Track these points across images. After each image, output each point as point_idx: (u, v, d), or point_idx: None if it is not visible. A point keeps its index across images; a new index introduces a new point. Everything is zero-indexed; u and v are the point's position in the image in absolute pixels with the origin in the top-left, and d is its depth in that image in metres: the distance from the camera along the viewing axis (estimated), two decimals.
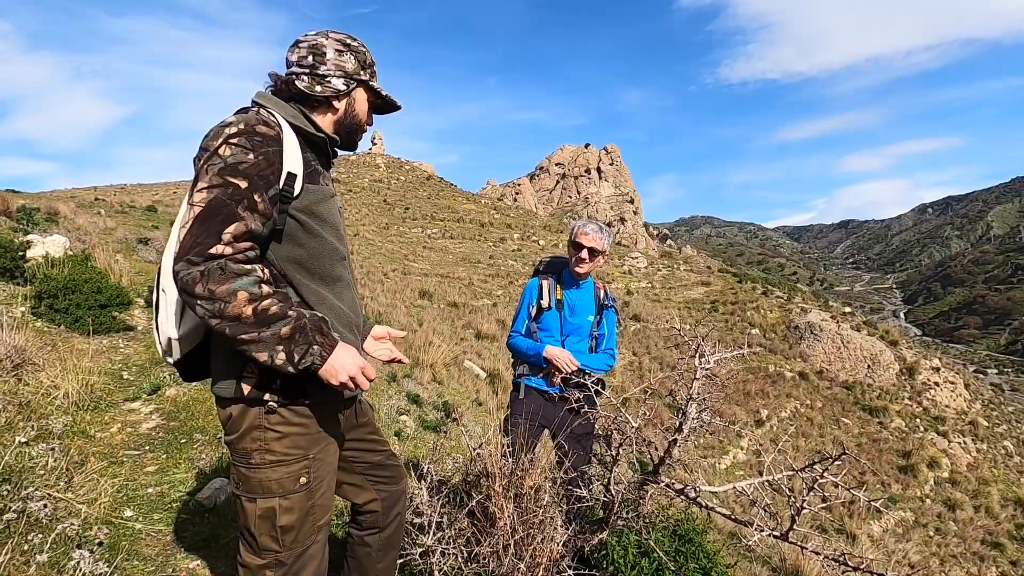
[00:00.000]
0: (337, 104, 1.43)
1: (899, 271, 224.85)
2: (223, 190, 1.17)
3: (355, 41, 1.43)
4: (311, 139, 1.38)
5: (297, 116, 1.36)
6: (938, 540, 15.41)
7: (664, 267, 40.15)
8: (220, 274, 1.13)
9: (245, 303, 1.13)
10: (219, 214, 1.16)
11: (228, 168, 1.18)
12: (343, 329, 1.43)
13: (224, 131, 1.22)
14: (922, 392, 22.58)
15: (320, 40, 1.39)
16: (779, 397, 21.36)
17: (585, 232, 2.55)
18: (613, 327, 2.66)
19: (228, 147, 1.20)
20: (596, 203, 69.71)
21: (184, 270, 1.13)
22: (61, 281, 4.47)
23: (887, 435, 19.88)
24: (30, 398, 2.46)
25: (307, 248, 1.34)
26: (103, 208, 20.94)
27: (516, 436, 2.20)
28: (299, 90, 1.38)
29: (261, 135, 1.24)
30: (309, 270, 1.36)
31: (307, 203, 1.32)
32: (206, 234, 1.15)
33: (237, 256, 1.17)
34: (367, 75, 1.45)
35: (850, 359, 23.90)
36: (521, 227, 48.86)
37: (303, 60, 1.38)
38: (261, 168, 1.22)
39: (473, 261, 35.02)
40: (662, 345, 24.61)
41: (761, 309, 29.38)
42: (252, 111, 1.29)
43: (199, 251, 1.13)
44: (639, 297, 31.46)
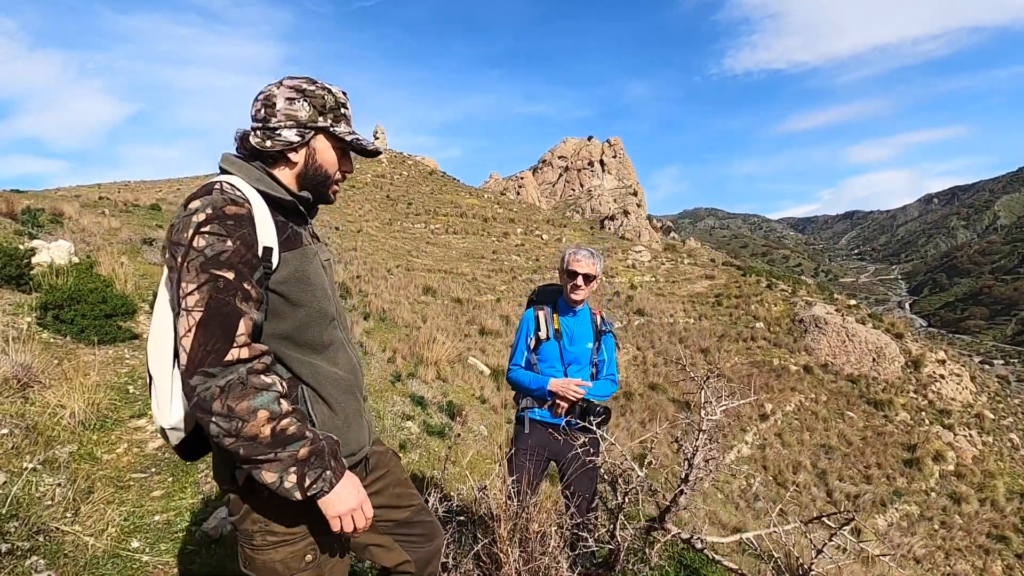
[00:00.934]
0: (294, 157, 1.32)
1: (904, 262, 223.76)
2: (214, 285, 1.10)
3: (313, 85, 1.31)
4: (279, 202, 1.29)
5: (262, 179, 1.28)
6: (943, 533, 15.42)
7: (668, 261, 40.05)
8: (241, 389, 1.07)
9: (264, 422, 1.08)
10: (223, 314, 1.10)
11: (210, 261, 1.11)
12: (343, 396, 1.37)
13: (192, 220, 1.13)
14: (927, 385, 22.52)
15: (272, 90, 1.29)
16: (784, 391, 21.36)
17: (577, 259, 2.54)
18: (612, 352, 2.64)
19: (201, 238, 1.11)
20: (599, 196, 69.50)
21: (202, 385, 1.06)
22: (66, 291, 4.49)
23: (892, 428, 19.87)
24: (36, 420, 2.47)
25: (292, 320, 1.27)
26: (107, 207, 21.00)
27: (522, 474, 2.19)
28: (251, 147, 1.29)
29: (233, 217, 1.16)
30: (297, 342, 1.29)
31: (287, 273, 1.25)
32: (216, 339, 1.08)
33: (256, 365, 1.12)
34: (326, 121, 1.32)
35: (855, 352, 23.85)
36: (524, 221, 48.78)
37: (257, 113, 1.30)
38: (242, 254, 1.15)
39: (476, 256, 35.02)
40: (666, 339, 24.60)
41: (765, 302, 29.31)
42: (215, 189, 1.19)
43: (214, 360, 1.07)
44: (643, 291, 31.42)
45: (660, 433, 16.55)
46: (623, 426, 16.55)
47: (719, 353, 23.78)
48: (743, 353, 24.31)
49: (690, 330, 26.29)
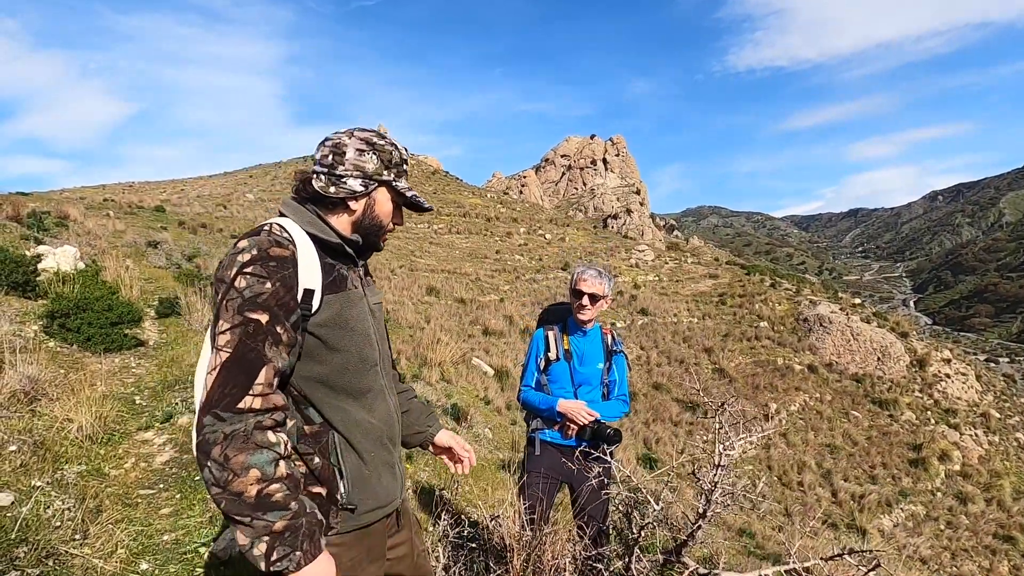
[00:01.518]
0: (354, 205, 1.36)
1: (909, 259, 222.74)
2: (245, 329, 1.12)
3: (382, 140, 1.37)
4: (327, 245, 1.32)
5: (313, 222, 1.32)
6: (949, 534, 15.35)
7: (671, 259, 39.97)
8: (243, 442, 1.08)
9: (253, 482, 1.07)
10: (247, 360, 1.11)
11: (247, 303, 1.14)
12: (372, 446, 1.35)
13: (237, 259, 1.18)
14: (933, 384, 22.41)
15: (343, 139, 1.34)
16: (788, 391, 21.30)
17: (584, 279, 2.51)
18: (624, 372, 2.61)
19: (243, 278, 1.15)
20: (602, 195, 69.39)
21: (210, 427, 1.08)
22: (72, 299, 4.50)
23: (897, 428, 19.79)
24: (44, 435, 2.47)
25: (330, 364, 1.28)
26: (112, 209, 21.08)
27: (535, 502, 2.17)
28: (315, 191, 1.34)
29: (275, 259, 1.19)
30: (332, 387, 1.29)
31: (327, 316, 1.27)
32: (235, 384, 1.10)
33: (265, 420, 1.12)
34: (391, 175, 1.39)
35: (860, 351, 23.75)
36: (527, 221, 48.74)
37: (324, 159, 1.34)
38: (280, 296, 1.17)
39: (480, 256, 35.01)
40: (669, 339, 24.56)
41: (769, 301, 29.21)
42: (264, 230, 1.24)
43: (228, 404, 1.09)
44: (646, 291, 31.36)
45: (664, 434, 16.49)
46: (627, 426, 16.53)
47: (723, 353, 23.73)
48: (747, 353, 24.24)
49: (694, 329, 26.23)
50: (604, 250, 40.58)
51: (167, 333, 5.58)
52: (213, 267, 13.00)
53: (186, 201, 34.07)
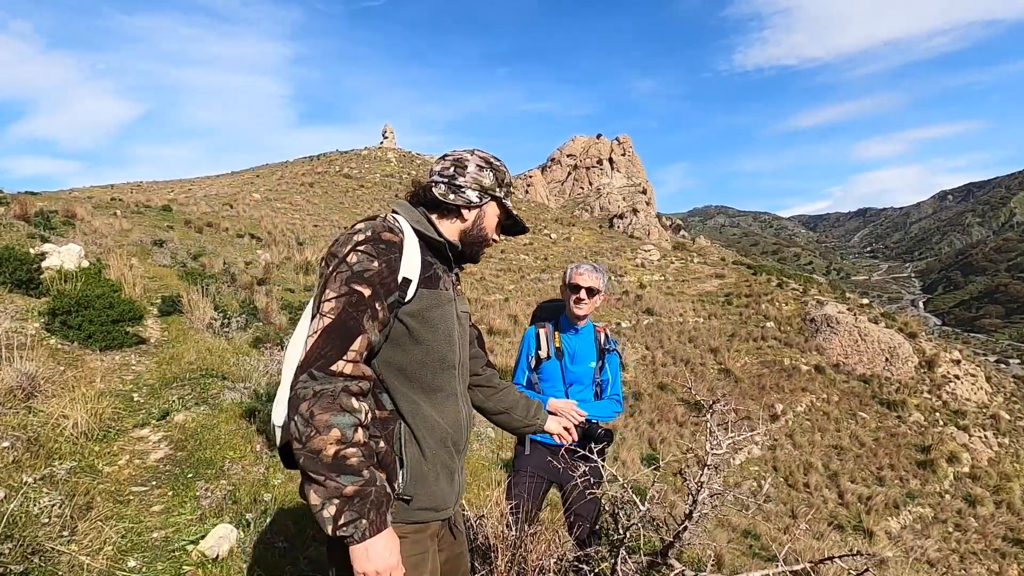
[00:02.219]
0: (467, 214, 1.49)
1: (918, 260, 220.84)
2: (349, 299, 1.21)
3: (497, 161, 1.53)
4: (432, 243, 1.42)
5: (420, 220, 1.43)
6: (958, 536, 15.19)
7: (677, 259, 39.80)
8: (329, 401, 1.13)
9: (332, 442, 1.12)
10: (347, 327, 1.19)
11: (354, 276, 1.23)
12: (435, 445, 1.38)
13: (353, 238, 1.27)
14: (942, 385, 22.20)
15: (465, 155, 1.49)
16: (794, 391, 21.16)
17: (580, 273, 2.50)
18: (617, 372, 2.56)
19: (355, 254, 1.24)
20: (608, 194, 69.22)
21: (302, 383, 1.15)
22: (73, 297, 4.51)
23: (905, 429, 19.61)
24: (39, 431, 2.47)
25: (410, 355, 1.34)
26: (119, 208, 21.22)
27: (521, 500, 2.13)
28: (434, 196, 1.46)
29: (385, 242, 1.28)
30: (409, 377, 1.35)
31: (418, 308, 1.34)
32: (331, 347, 1.18)
33: (352, 386, 1.18)
34: (502, 192, 1.54)
35: (867, 352, 23.56)
36: (532, 220, 48.69)
37: (445, 171, 1.47)
38: (383, 276, 1.25)
39: (485, 255, 34.88)
40: (675, 339, 24.45)
41: (776, 301, 29.04)
42: (380, 218, 1.34)
43: (322, 365, 1.16)
44: (652, 290, 31.24)
45: (669, 434, 16.41)
46: (631, 426, 16.47)
47: (729, 353, 23.60)
48: (753, 353, 24.10)
49: (700, 330, 26.11)
50: (610, 249, 40.47)
51: (169, 331, 5.59)
52: (218, 266, 13.07)
53: (193, 200, 34.27)
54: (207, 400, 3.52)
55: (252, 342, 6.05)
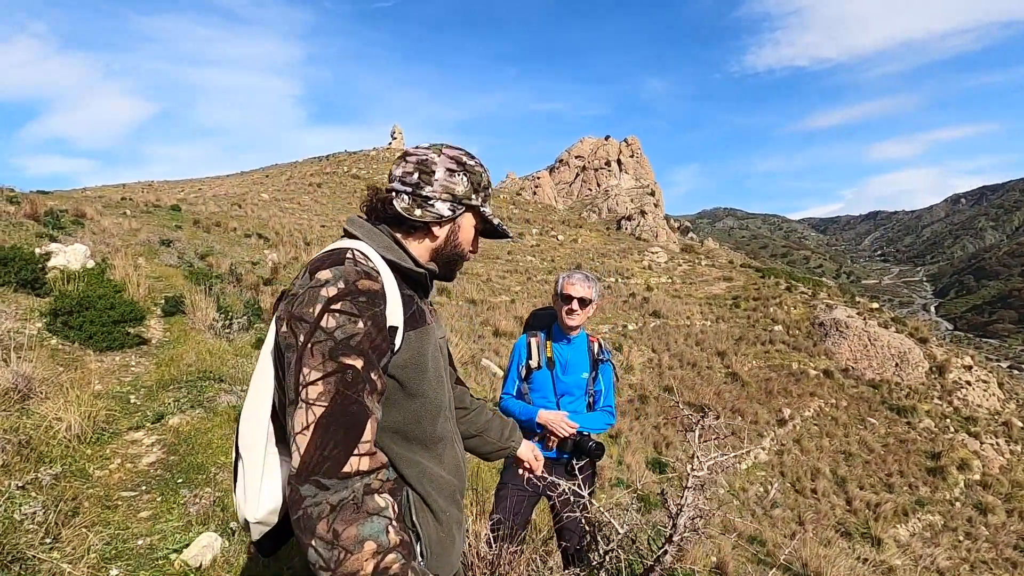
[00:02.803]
0: (437, 231, 1.24)
1: (930, 263, 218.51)
2: (341, 378, 0.96)
3: (472, 160, 1.26)
4: (408, 275, 1.19)
5: (390, 247, 1.18)
6: (968, 545, 14.97)
7: (685, 262, 39.60)
8: (352, 512, 0.92)
9: (369, 557, 0.91)
10: (349, 413, 0.96)
11: (340, 346, 0.97)
12: (445, 504, 1.22)
13: (320, 294, 1.00)
14: (953, 391, 21.92)
15: (431, 156, 1.21)
16: (802, 396, 20.96)
17: (572, 283, 2.41)
18: (611, 383, 2.50)
19: (331, 316, 0.98)
20: (616, 196, 69.04)
21: (311, 498, 0.91)
22: (75, 298, 4.53)
23: (915, 436, 19.37)
24: (31, 434, 2.46)
25: (406, 411, 1.15)
26: (129, 208, 21.41)
27: (505, 514, 2.09)
28: (396, 212, 1.20)
29: (366, 294, 1.03)
30: (408, 436, 1.16)
31: (407, 357, 1.13)
32: (335, 444, 0.94)
33: (373, 482, 0.97)
34: (479, 199, 1.26)
35: (877, 357, 23.32)
36: (539, 222, 48.65)
37: (407, 177, 1.20)
38: (373, 338, 1.02)
39: (491, 257, 34.99)
40: (682, 342, 24.31)
41: (785, 305, 28.82)
42: (347, 258, 1.07)
43: (331, 469, 0.92)
44: (659, 293, 31.09)
45: (675, 438, 16.30)
46: (637, 430, 16.37)
47: (736, 356, 23.43)
48: (761, 356, 23.91)
49: (707, 332, 25.94)
50: (617, 251, 40.35)
51: (171, 331, 5.60)
52: (225, 266, 13.11)
53: (202, 200, 34.54)
54: (202, 403, 3.51)
55: (254, 343, 6.05)
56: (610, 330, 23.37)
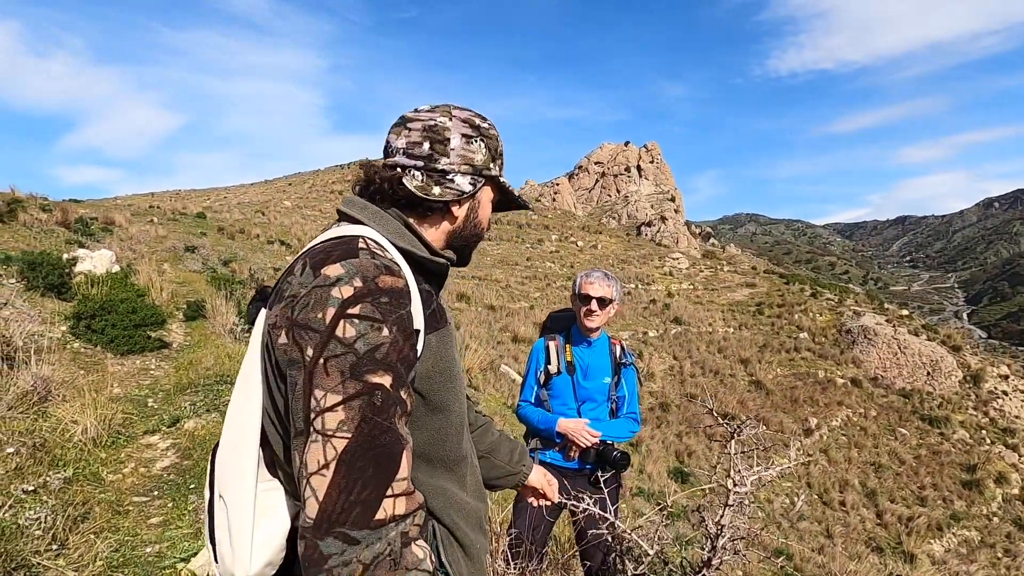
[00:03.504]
0: (457, 211, 1.03)
1: (962, 269, 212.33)
2: (369, 400, 0.76)
3: (485, 121, 1.05)
4: (425, 266, 0.99)
5: (403, 234, 0.97)
6: (1007, 562, 14.36)
7: (707, 268, 39.07)
8: (389, 568, 0.74)
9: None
10: (379, 446, 0.76)
11: (363, 361, 0.77)
12: (472, 533, 1.05)
13: (332, 295, 0.79)
14: (988, 401, 21.14)
15: (441, 120, 0.99)
16: (830, 405, 20.43)
17: (591, 282, 2.28)
18: (634, 388, 2.37)
19: (350, 324, 0.77)
20: (636, 202, 68.61)
21: (338, 556, 0.72)
22: (98, 301, 4.58)
23: (949, 447, 18.71)
24: (47, 437, 2.46)
25: (430, 429, 0.96)
26: (156, 216, 21.91)
27: (523, 530, 1.99)
28: (408, 193, 0.97)
29: (389, 293, 0.82)
30: (430, 460, 0.98)
31: (430, 365, 0.93)
32: (364, 485, 0.75)
33: (411, 529, 0.79)
34: (497, 168, 1.06)
35: (907, 365, 22.63)
36: (559, 228, 48.52)
37: (414, 148, 0.97)
38: (400, 347, 0.81)
39: (511, 263, 34.96)
40: (704, 349, 23.92)
41: (810, 312, 28.20)
42: (361, 249, 0.86)
43: (361, 517, 0.73)
44: (680, 299, 30.69)
45: (697, 447, 15.98)
46: (658, 438, 16.09)
47: (760, 364, 22.95)
48: (786, 364, 23.39)
49: (729, 339, 25.49)
50: (637, 257, 40.00)
51: (192, 335, 5.65)
52: (246, 272, 13.27)
53: (227, 208, 35.24)
54: (218, 407, 3.49)
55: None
56: (630, 337, 23.10)
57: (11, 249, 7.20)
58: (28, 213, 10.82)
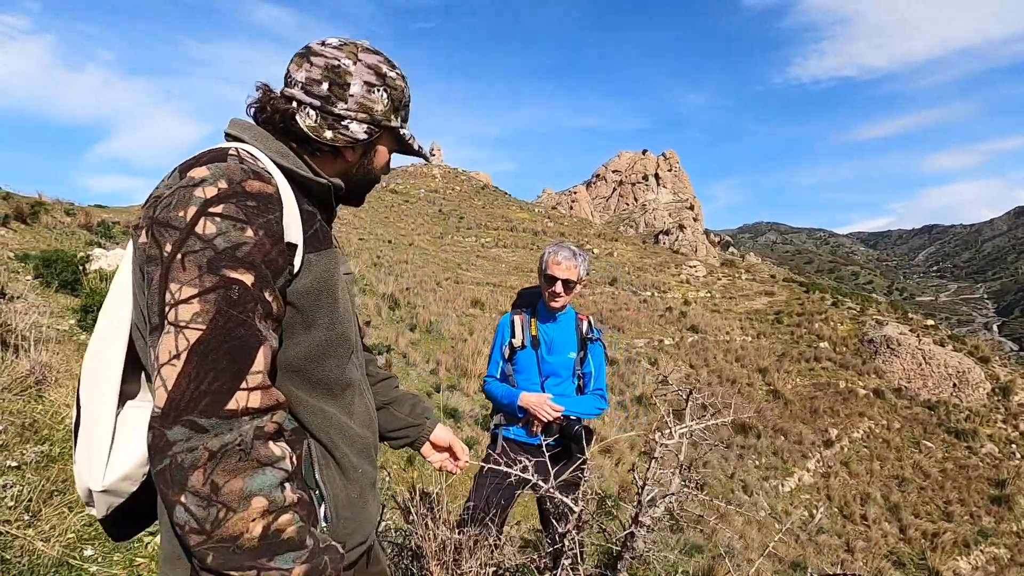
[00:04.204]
0: (349, 156, 1.02)
1: (991, 280, 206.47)
2: (225, 293, 0.75)
3: (393, 70, 1.01)
4: (308, 186, 0.97)
5: (286, 154, 0.95)
6: None
7: (725, 276, 38.59)
8: (239, 459, 0.73)
9: (257, 516, 0.73)
10: (234, 338, 0.75)
11: (222, 257, 0.76)
12: (360, 461, 1.03)
13: (194, 194, 0.78)
14: (1019, 414, 20.44)
15: (344, 62, 0.95)
16: (851, 416, 19.95)
17: (557, 261, 2.23)
18: (602, 364, 2.33)
19: (210, 221, 0.77)
20: (654, 210, 68.25)
21: (183, 442, 0.71)
22: (104, 295, 4.65)
23: (977, 461, 18.10)
24: (38, 418, 2.49)
25: (306, 346, 0.93)
26: None
27: (479, 502, 1.95)
28: (299, 131, 0.96)
29: (256, 197, 0.82)
30: (309, 378, 0.95)
31: (309, 281, 0.92)
32: (218, 375, 0.73)
33: (267, 425, 0.77)
34: (398, 119, 1.04)
35: (933, 376, 22.01)
36: (575, 235, 48.41)
37: (313, 86, 0.95)
38: (266, 250, 0.80)
39: (526, 270, 34.93)
40: (721, 358, 23.56)
41: (831, 321, 27.64)
42: (230, 155, 0.85)
43: (210, 406, 0.72)
44: (697, 307, 30.33)
45: (712, 456, 15.67)
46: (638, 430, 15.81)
47: (779, 374, 22.53)
48: (805, 374, 22.92)
49: (747, 349, 25.08)
50: (653, 265, 39.71)
51: None
52: None
53: None
54: None
55: None
56: (646, 344, 22.85)
57: (31, 249, 7.40)
58: (51, 216, 11.13)
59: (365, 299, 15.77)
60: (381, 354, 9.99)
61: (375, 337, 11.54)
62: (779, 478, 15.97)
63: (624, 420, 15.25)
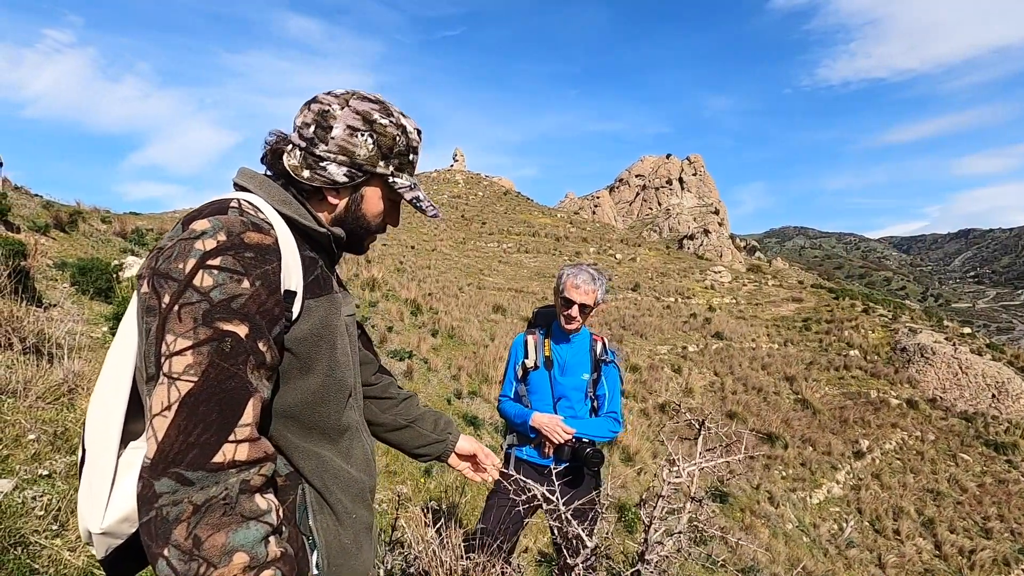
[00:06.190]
0: (333, 199, 1.03)
1: None
2: (218, 346, 0.78)
3: (386, 117, 1.01)
4: (309, 234, 1.00)
5: (288, 202, 0.98)
6: None
7: (751, 281, 37.92)
8: (223, 514, 0.73)
9: (238, 572, 0.73)
10: (224, 391, 0.77)
11: (218, 309, 0.79)
12: (354, 506, 1.03)
13: (195, 246, 0.81)
14: None
15: (335, 107, 0.98)
16: (883, 427, 19.36)
17: (576, 285, 2.19)
18: (616, 386, 2.29)
19: (207, 274, 0.79)
20: (678, 215, 67.51)
21: (169, 495, 0.72)
22: None
23: (1017, 475, 17.39)
24: (69, 426, 2.57)
25: (302, 392, 0.95)
26: None
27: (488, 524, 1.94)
28: (282, 169, 0.99)
29: (254, 248, 0.85)
30: (306, 423, 0.97)
31: (308, 328, 0.94)
32: (207, 427, 0.75)
33: (254, 478, 0.78)
34: (388, 167, 1.03)
35: (970, 387, 21.25)
36: (597, 240, 48.18)
37: (304, 129, 0.98)
38: (262, 301, 0.83)
39: (548, 275, 34.87)
40: (746, 365, 23.13)
41: (861, 328, 26.92)
42: (231, 207, 0.89)
43: (197, 459, 0.74)
44: (722, 314, 29.85)
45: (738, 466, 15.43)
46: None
47: (807, 382, 22.00)
48: (834, 383, 22.34)
49: (774, 356, 24.57)
50: (677, 271, 39.24)
51: None
52: None
53: None
54: None
55: None
56: (669, 351, 22.57)
57: (69, 256, 7.67)
58: (88, 224, 11.52)
59: (388, 304, 15.92)
60: (403, 359, 10.08)
61: (397, 342, 11.64)
62: (807, 490, 15.57)
63: (647, 428, 15.09)
